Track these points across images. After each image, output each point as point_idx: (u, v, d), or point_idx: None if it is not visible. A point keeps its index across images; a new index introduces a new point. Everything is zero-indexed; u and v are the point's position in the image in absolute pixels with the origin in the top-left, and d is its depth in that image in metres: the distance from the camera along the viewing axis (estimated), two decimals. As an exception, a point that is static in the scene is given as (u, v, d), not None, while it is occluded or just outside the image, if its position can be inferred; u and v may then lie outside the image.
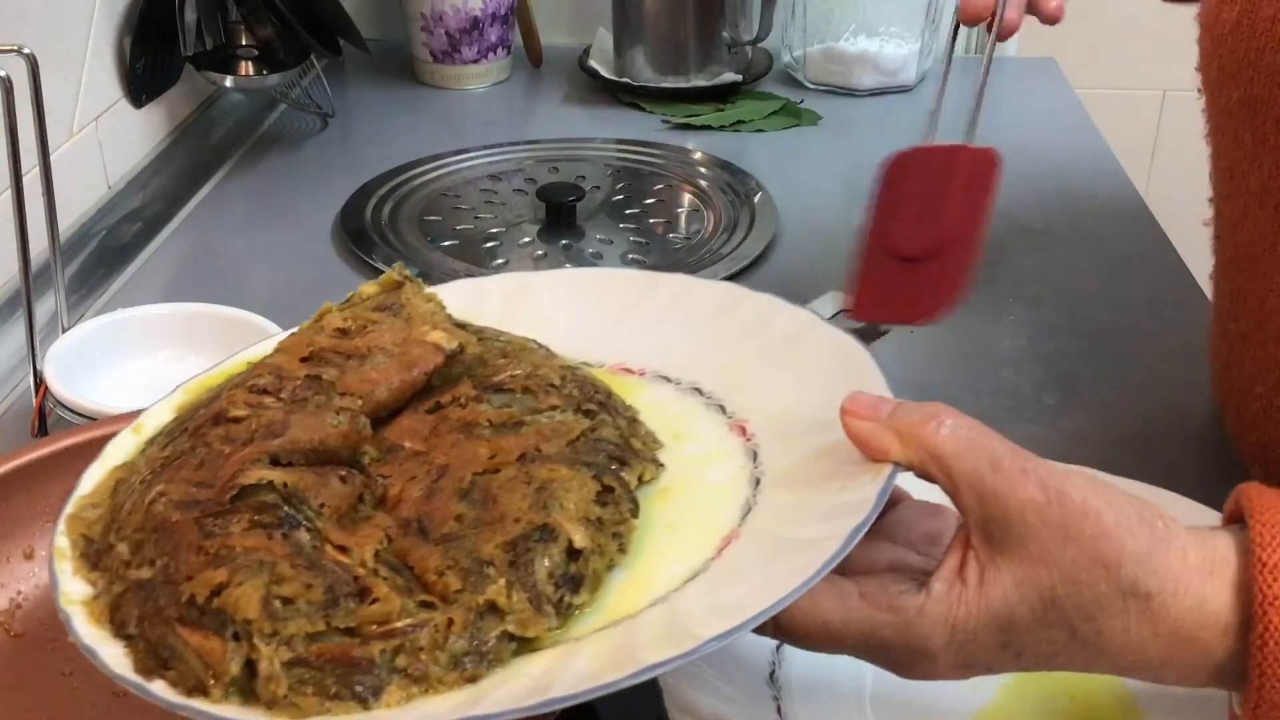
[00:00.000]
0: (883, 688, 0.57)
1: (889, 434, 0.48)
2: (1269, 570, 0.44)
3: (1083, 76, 1.37)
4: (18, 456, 0.61)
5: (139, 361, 0.79)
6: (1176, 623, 0.45)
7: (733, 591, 0.45)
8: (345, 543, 0.46)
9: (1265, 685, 0.44)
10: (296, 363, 0.54)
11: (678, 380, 0.59)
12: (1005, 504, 0.45)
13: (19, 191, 0.74)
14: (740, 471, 0.52)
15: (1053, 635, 0.46)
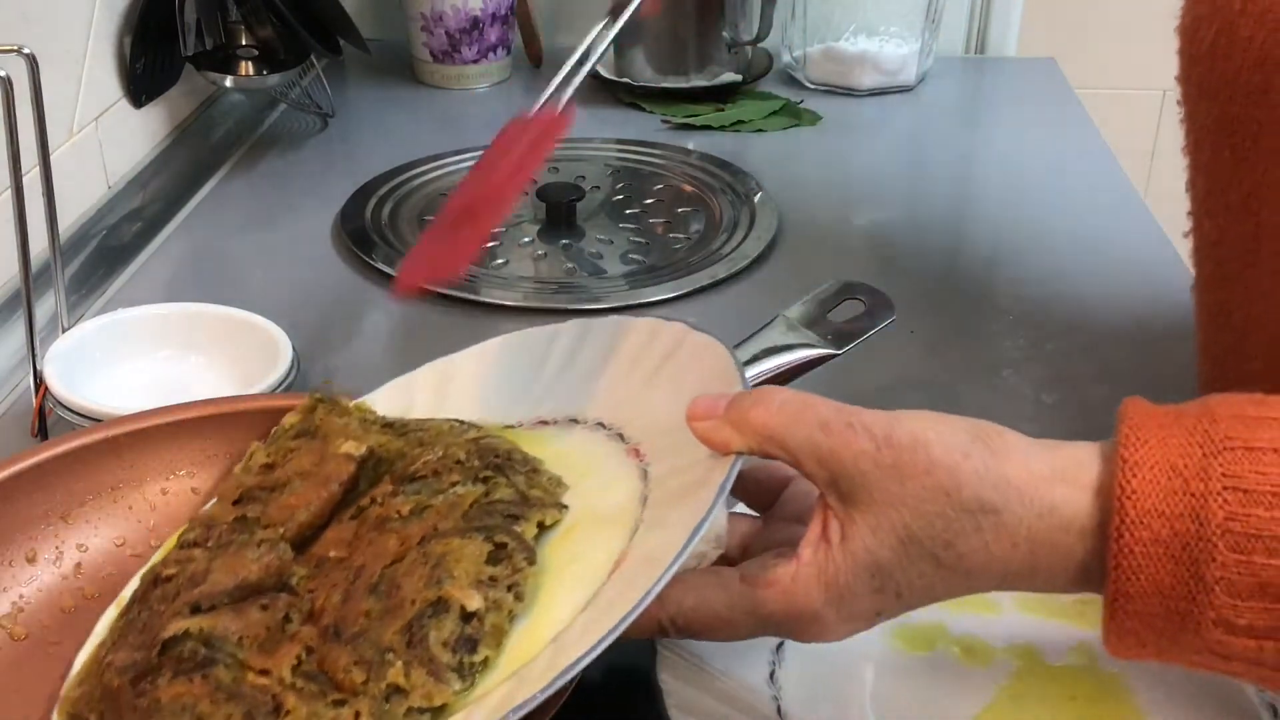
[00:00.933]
0: (883, 688, 0.57)
1: (726, 427, 0.50)
2: (1130, 467, 0.46)
3: (1083, 76, 1.37)
4: (19, 460, 0.61)
5: (139, 361, 0.79)
6: (1031, 530, 0.47)
7: (605, 614, 0.46)
8: (266, 665, 0.49)
9: (1121, 578, 0.45)
10: (230, 507, 0.58)
11: (584, 420, 0.60)
12: (842, 460, 0.48)
13: (19, 191, 0.74)
14: (632, 494, 0.53)
15: (921, 569, 0.48)
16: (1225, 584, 0.44)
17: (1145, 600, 0.45)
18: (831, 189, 1.13)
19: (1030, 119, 1.29)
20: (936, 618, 0.61)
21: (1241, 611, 0.44)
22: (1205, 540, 0.44)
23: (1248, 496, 0.44)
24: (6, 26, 0.88)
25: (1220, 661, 0.46)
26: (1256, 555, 0.44)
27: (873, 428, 0.48)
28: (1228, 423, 0.46)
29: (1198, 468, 0.45)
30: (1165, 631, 0.46)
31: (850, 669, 0.59)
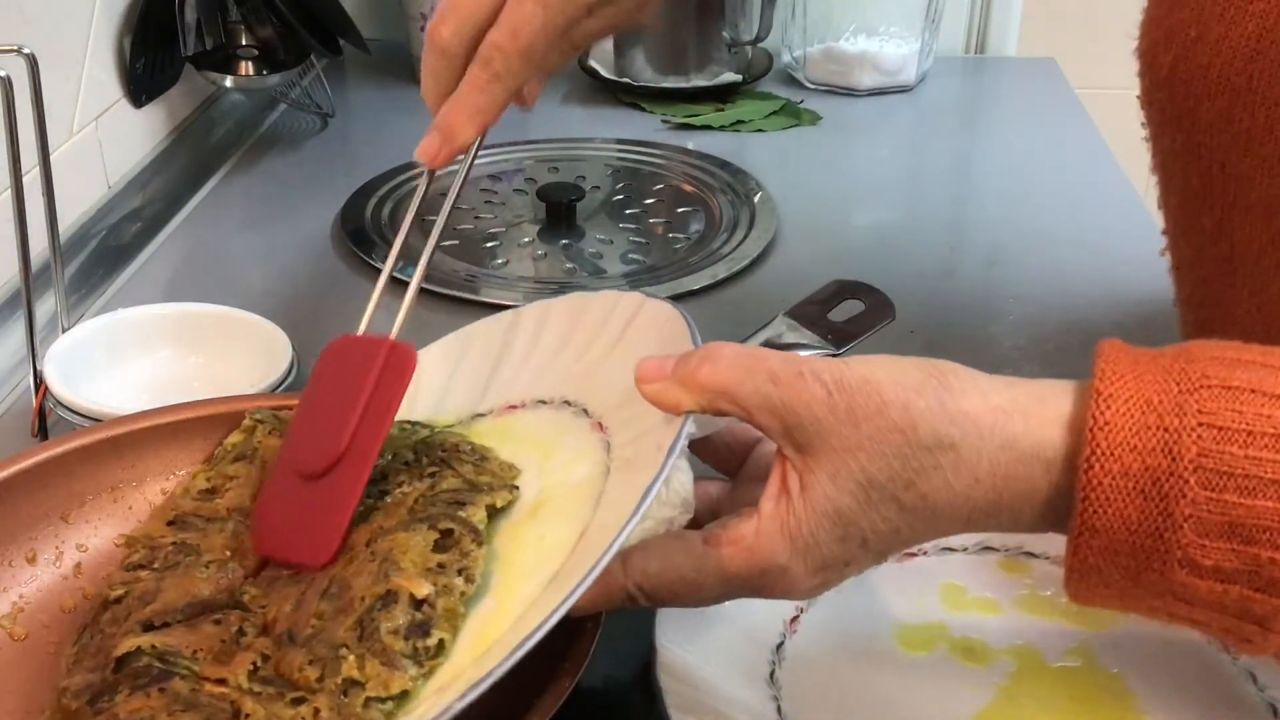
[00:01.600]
0: (883, 688, 0.58)
1: (675, 388, 0.50)
2: (1103, 399, 0.45)
3: (1083, 76, 1.37)
4: (19, 460, 0.61)
5: (139, 361, 0.79)
6: (993, 464, 0.46)
7: (565, 588, 0.46)
8: (221, 675, 0.50)
9: (1088, 510, 0.44)
10: (163, 526, 0.58)
11: (550, 400, 0.60)
12: (796, 410, 0.47)
13: (19, 191, 0.74)
14: (597, 467, 0.54)
15: (884, 513, 0.47)
16: (1195, 521, 0.44)
17: (1111, 535, 0.44)
18: (831, 189, 1.13)
19: (1030, 119, 1.29)
20: (937, 618, 0.61)
21: (1209, 552, 0.44)
22: (1177, 476, 0.43)
23: (1222, 434, 0.44)
24: (6, 26, 0.88)
25: (1181, 606, 0.46)
26: (1228, 493, 0.43)
27: (822, 374, 0.47)
28: (1205, 363, 0.45)
29: (1173, 404, 0.44)
30: (1129, 570, 0.45)
31: (850, 669, 0.59)
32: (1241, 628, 0.45)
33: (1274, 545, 0.43)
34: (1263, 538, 0.43)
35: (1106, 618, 0.61)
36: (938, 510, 0.47)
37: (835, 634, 0.60)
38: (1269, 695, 0.56)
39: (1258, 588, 0.44)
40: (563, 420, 0.59)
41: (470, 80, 0.59)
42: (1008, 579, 0.64)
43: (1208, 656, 0.59)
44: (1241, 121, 0.57)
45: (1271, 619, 0.44)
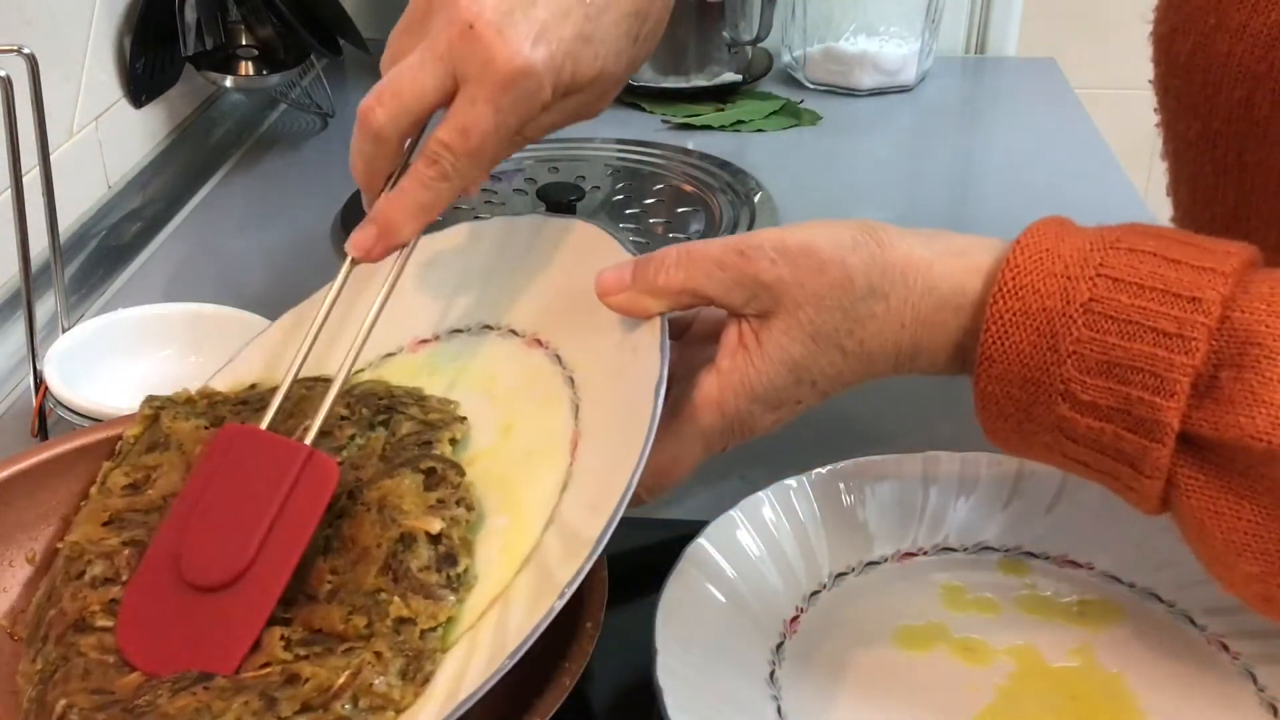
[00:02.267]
0: (883, 688, 0.57)
1: (640, 296, 0.54)
2: (1020, 248, 0.50)
3: (1083, 76, 1.37)
4: (19, 460, 0.61)
5: (139, 361, 0.79)
6: (915, 310, 0.52)
7: (597, 485, 0.50)
8: (259, 659, 0.50)
9: (988, 341, 0.49)
10: (99, 528, 0.56)
11: (467, 327, 0.62)
12: (748, 284, 0.53)
13: (19, 191, 0.74)
14: (554, 378, 0.57)
15: (830, 359, 0.53)
16: (1076, 358, 0.47)
17: (1006, 364, 0.49)
18: (831, 189, 1.13)
19: (1030, 119, 1.29)
20: (937, 618, 0.61)
21: (1088, 388, 0.47)
22: (1067, 316, 0.47)
23: (1115, 284, 0.47)
24: (6, 26, 0.88)
25: (1069, 445, 0.49)
26: (1110, 335, 0.47)
27: (763, 246, 0.52)
28: (1123, 231, 0.49)
29: (1080, 258, 0.48)
30: (1021, 402, 0.49)
31: (850, 669, 0.59)
32: (1119, 470, 0.49)
33: (1145, 387, 0.46)
34: (1136, 379, 0.46)
35: (1106, 618, 0.61)
36: (872, 354, 0.53)
37: (835, 634, 0.60)
38: (1269, 695, 0.56)
39: (1129, 427, 0.47)
40: (488, 344, 0.61)
41: (415, 176, 0.55)
42: (1008, 579, 0.64)
43: (1208, 656, 0.59)
44: (1261, 109, 0.57)
45: (1142, 460, 0.47)
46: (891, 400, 0.81)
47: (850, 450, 0.68)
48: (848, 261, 0.52)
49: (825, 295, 0.52)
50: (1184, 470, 0.47)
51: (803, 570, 0.63)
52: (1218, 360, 0.45)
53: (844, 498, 0.66)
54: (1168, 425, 0.46)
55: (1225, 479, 0.46)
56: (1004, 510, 0.66)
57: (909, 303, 0.52)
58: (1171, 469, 0.47)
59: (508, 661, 0.45)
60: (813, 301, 0.52)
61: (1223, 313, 0.45)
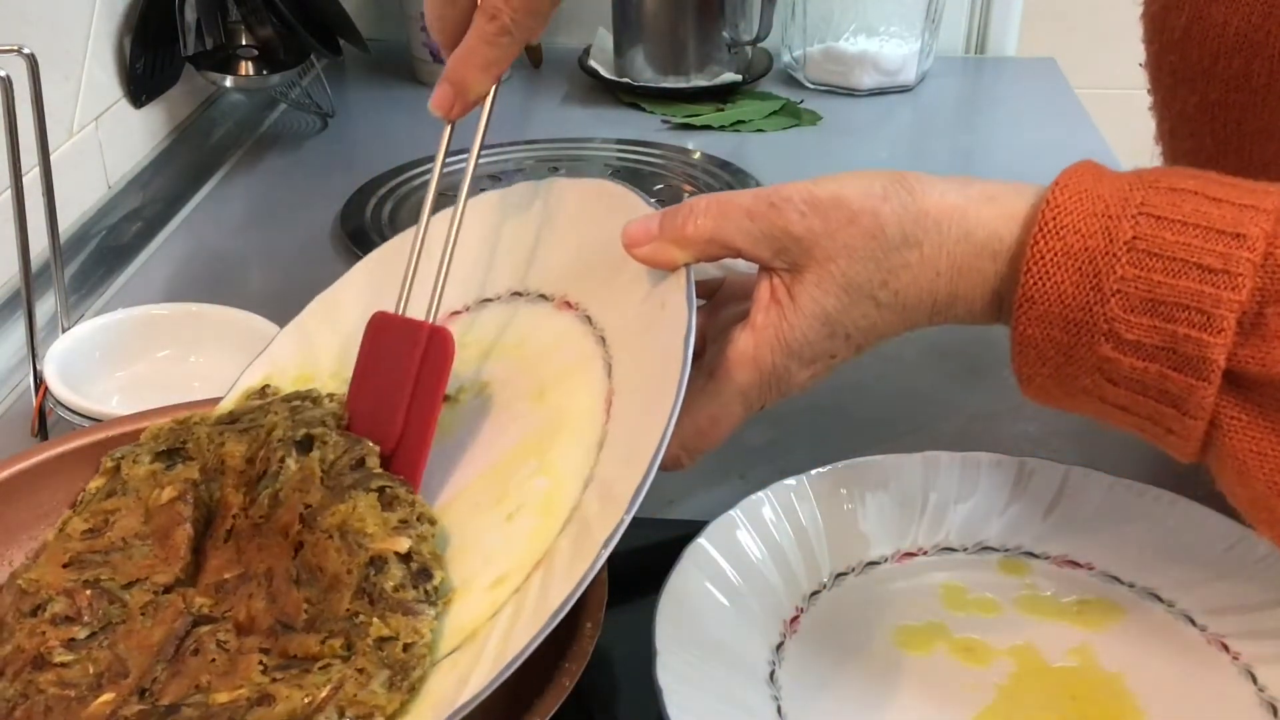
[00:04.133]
0: (883, 688, 0.57)
1: (667, 246, 0.54)
2: (1059, 187, 0.49)
3: (1083, 76, 1.37)
4: (20, 460, 0.61)
5: (139, 361, 0.79)
6: (951, 257, 0.51)
7: (632, 441, 0.50)
8: (234, 684, 0.49)
9: (1029, 282, 0.48)
10: (59, 569, 0.56)
11: (497, 295, 0.61)
12: (778, 237, 0.52)
13: (19, 191, 0.74)
14: (585, 339, 0.57)
15: (863, 310, 0.52)
16: (1120, 296, 0.47)
17: (1047, 305, 0.48)
18: (831, 189, 1.13)
19: (1030, 119, 1.29)
20: (937, 618, 0.61)
21: (1132, 326, 0.47)
22: (1110, 254, 0.47)
23: (1159, 222, 0.47)
24: (6, 26, 0.88)
25: (1109, 388, 0.49)
26: (1155, 273, 0.46)
27: (793, 198, 0.52)
28: (1160, 172, 0.49)
29: (1121, 197, 0.48)
30: (1062, 345, 0.49)
31: (850, 669, 0.59)
32: (1163, 413, 0.48)
33: (1191, 324, 0.46)
34: (1182, 316, 0.46)
35: (1106, 618, 0.61)
36: (907, 305, 0.52)
37: (835, 634, 0.60)
38: (1269, 695, 0.56)
39: (1174, 366, 0.46)
40: (517, 310, 0.61)
41: (478, 33, 0.57)
42: (1008, 579, 0.64)
43: (1208, 656, 0.59)
44: (1260, 78, 0.57)
45: (1186, 399, 0.47)
46: (891, 400, 0.81)
47: (850, 450, 0.68)
48: (879, 211, 0.51)
49: (857, 246, 0.51)
50: (1228, 410, 0.46)
51: (803, 570, 0.63)
52: (1263, 296, 0.45)
53: (844, 498, 0.66)
54: (1214, 362, 0.45)
55: (1270, 418, 0.45)
56: (1004, 510, 0.66)
57: (944, 250, 0.51)
58: (1216, 408, 0.46)
59: (551, 621, 0.45)
60: (844, 253, 0.51)
61: (1267, 248, 0.45)
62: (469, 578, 0.52)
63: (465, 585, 0.52)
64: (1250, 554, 0.62)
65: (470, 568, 0.52)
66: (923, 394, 0.83)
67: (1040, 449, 0.75)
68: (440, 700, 0.47)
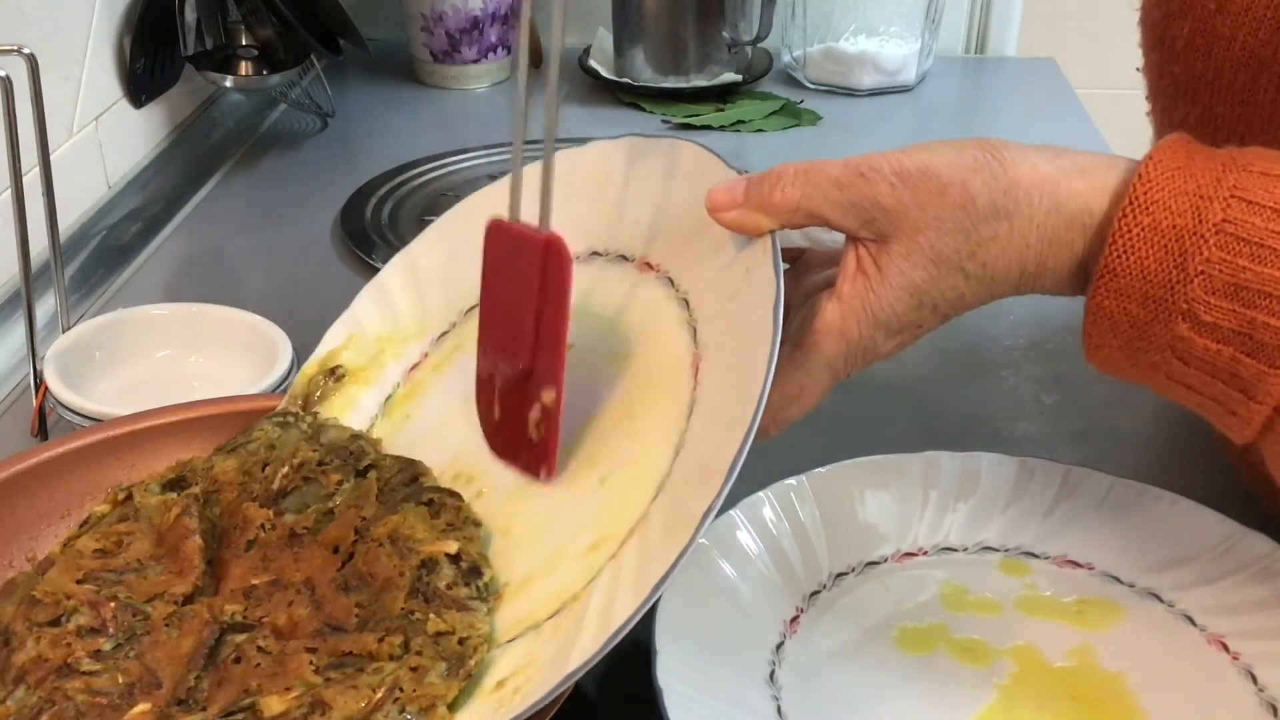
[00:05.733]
0: (883, 688, 0.57)
1: (753, 213, 0.53)
2: (1152, 162, 0.49)
3: (1083, 76, 1.37)
4: (20, 460, 0.61)
5: (139, 361, 0.79)
6: (1041, 228, 0.51)
7: (723, 409, 0.50)
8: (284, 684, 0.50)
9: (1113, 255, 0.49)
10: (74, 584, 0.56)
11: (576, 256, 0.60)
12: (867, 208, 0.51)
13: (19, 191, 0.74)
14: (668, 302, 0.56)
15: (952, 283, 0.52)
16: (1204, 278, 0.47)
17: (1129, 279, 0.49)
18: (831, 189, 1.13)
19: (1030, 119, 1.29)
20: (937, 618, 0.61)
21: (1212, 309, 0.47)
22: (1198, 235, 0.47)
23: (1250, 207, 0.47)
24: (6, 26, 0.88)
25: (1178, 366, 0.49)
26: (1241, 258, 0.47)
27: (883, 169, 0.52)
28: (1254, 155, 0.49)
29: (1213, 178, 0.48)
30: (1138, 320, 0.49)
31: (850, 670, 0.59)
32: (1228, 395, 0.48)
33: (1271, 312, 0.46)
34: (1263, 303, 0.46)
35: (1106, 618, 0.61)
36: (996, 276, 0.52)
37: (835, 634, 0.60)
38: (1269, 695, 0.56)
39: (1248, 351, 0.47)
40: (598, 271, 0.60)
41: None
42: (1008, 579, 0.64)
43: (1208, 656, 0.59)
44: (1266, 93, 0.57)
45: (1255, 385, 0.47)
46: (891, 400, 0.81)
47: (850, 450, 0.68)
48: (969, 182, 0.51)
49: (946, 218, 0.51)
50: None
51: (803, 570, 0.63)
52: None
53: (844, 498, 0.66)
54: None
55: None
56: (1004, 510, 0.66)
57: (1034, 222, 0.51)
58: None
59: (652, 594, 0.46)
60: (933, 225, 0.51)
61: None
62: (564, 542, 0.53)
63: (560, 549, 0.52)
64: (1250, 554, 0.62)
65: (564, 532, 0.53)
66: (923, 394, 0.83)
67: (1040, 449, 0.75)
68: (548, 664, 0.47)
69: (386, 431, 0.63)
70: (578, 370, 0.57)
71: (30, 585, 0.56)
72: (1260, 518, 0.64)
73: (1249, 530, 0.63)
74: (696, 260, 0.56)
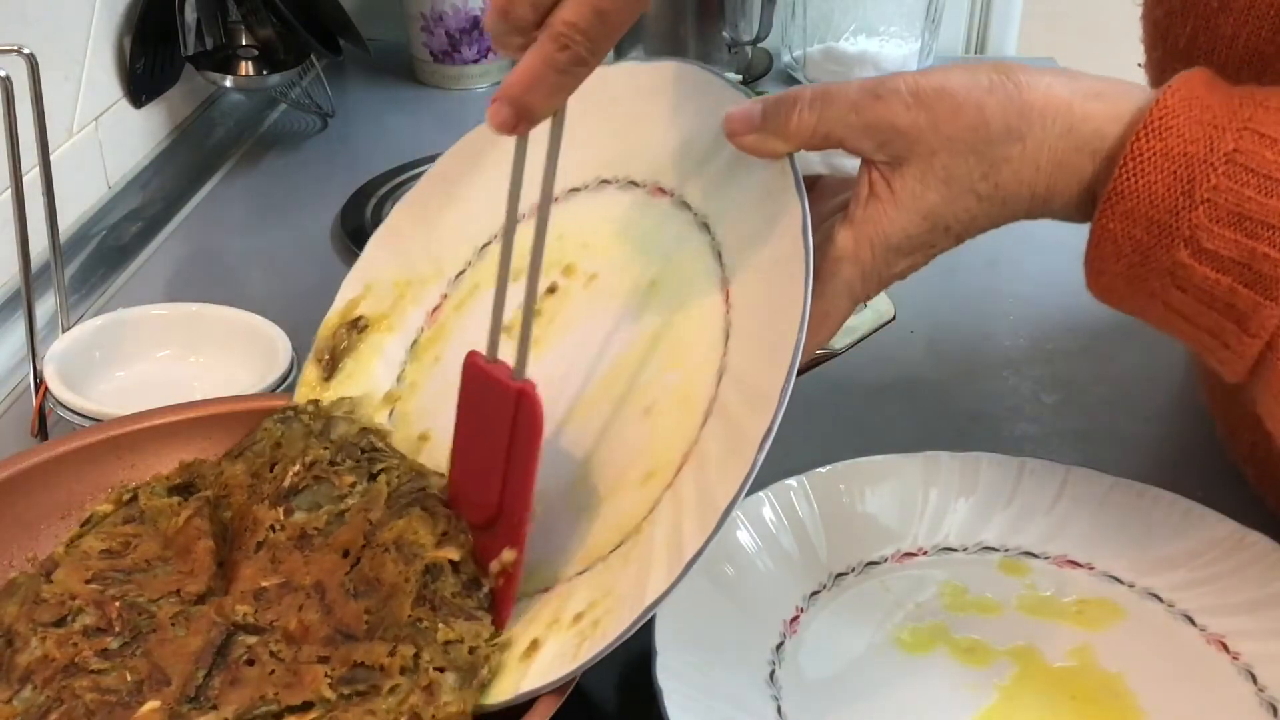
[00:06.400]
0: (883, 688, 0.57)
1: (769, 137, 0.53)
2: (1172, 90, 0.50)
3: (1082, 76, 1.37)
4: (21, 461, 0.61)
5: (139, 361, 0.79)
6: (1052, 151, 0.51)
7: (763, 332, 0.50)
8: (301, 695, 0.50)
9: (1123, 176, 0.49)
10: (81, 584, 0.56)
11: (584, 185, 0.60)
12: (882, 130, 0.51)
13: (19, 191, 0.74)
14: (687, 226, 0.56)
15: (965, 204, 0.52)
16: (1209, 205, 0.48)
17: (1135, 201, 0.49)
18: (831, 189, 1.13)
19: (1030, 119, 1.29)
20: (937, 618, 0.61)
21: (1214, 237, 0.48)
22: (1207, 163, 0.48)
23: (1262, 139, 0.48)
24: (6, 26, 0.88)
25: (1175, 294, 0.49)
26: (1248, 189, 0.47)
27: (899, 91, 0.51)
28: (1271, 93, 0.49)
29: (1229, 110, 0.48)
30: (1141, 245, 0.50)
31: (850, 669, 0.59)
32: (1223, 327, 0.49)
33: (1273, 244, 0.47)
34: (1265, 235, 0.47)
35: (1106, 618, 0.61)
36: (1008, 199, 0.52)
37: (835, 634, 0.60)
38: (1269, 695, 0.56)
39: (1246, 282, 0.48)
40: (610, 198, 0.59)
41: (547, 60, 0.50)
42: (1008, 579, 0.64)
43: (1208, 656, 0.59)
44: None
45: (1250, 317, 0.48)
46: (891, 400, 0.81)
47: (850, 450, 0.68)
48: (984, 103, 0.51)
49: (960, 139, 0.51)
50: None
51: (803, 570, 0.63)
52: None
53: (844, 498, 0.66)
54: None
55: None
56: (1004, 510, 0.66)
57: (1046, 145, 0.51)
58: (1276, 330, 0.48)
59: (721, 522, 0.46)
60: (947, 146, 0.51)
61: None
62: (617, 475, 0.53)
63: (615, 482, 0.52)
64: (1250, 554, 0.62)
65: (617, 464, 0.53)
66: (923, 394, 0.83)
67: (1040, 449, 0.75)
68: (624, 598, 0.48)
69: (418, 376, 0.62)
70: (604, 303, 0.57)
71: (32, 585, 0.56)
72: (1261, 518, 0.64)
73: (1249, 530, 0.63)
74: (712, 184, 0.56)
